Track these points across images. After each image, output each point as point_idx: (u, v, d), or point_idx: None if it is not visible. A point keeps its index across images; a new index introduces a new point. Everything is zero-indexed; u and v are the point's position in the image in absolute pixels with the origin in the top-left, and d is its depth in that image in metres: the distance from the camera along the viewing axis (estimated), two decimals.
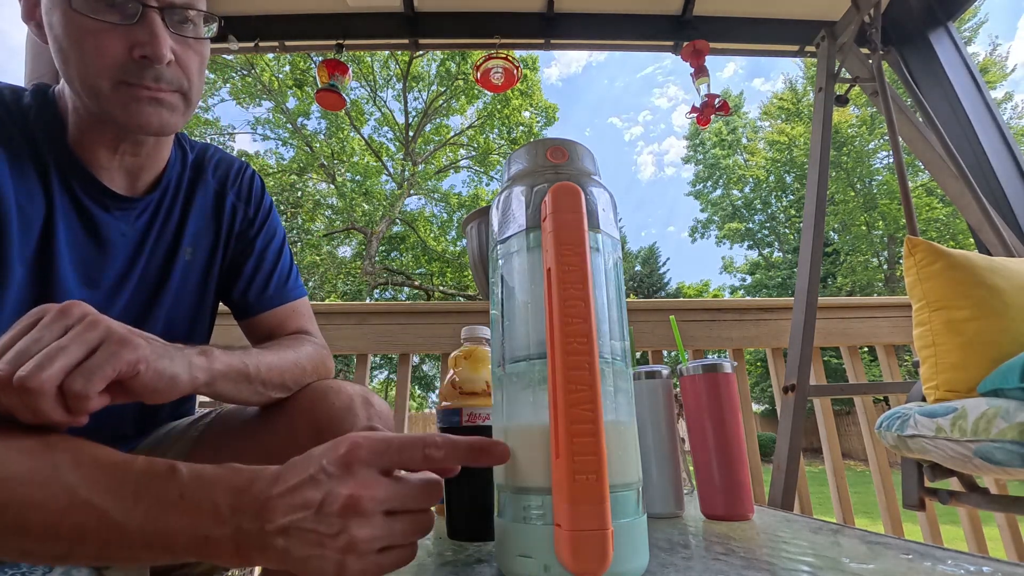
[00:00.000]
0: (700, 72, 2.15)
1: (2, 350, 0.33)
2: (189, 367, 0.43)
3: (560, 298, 0.30)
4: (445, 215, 15.12)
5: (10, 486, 0.30)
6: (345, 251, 15.25)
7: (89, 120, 0.56)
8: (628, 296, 2.20)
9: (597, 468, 0.27)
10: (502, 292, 0.37)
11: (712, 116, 2.23)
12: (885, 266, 16.75)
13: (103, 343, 0.35)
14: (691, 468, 0.60)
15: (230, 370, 0.49)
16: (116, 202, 0.59)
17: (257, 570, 1.47)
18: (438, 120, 14.67)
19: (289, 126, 13.82)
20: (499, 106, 13.26)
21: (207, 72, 0.63)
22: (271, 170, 13.24)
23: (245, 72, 12.46)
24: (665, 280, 25.68)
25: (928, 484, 0.95)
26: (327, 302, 4.68)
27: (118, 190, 0.60)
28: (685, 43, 2.10)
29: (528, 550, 0.31)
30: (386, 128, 14.73)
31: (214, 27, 0.59)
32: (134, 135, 0.57)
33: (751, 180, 21.03)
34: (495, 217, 0.40)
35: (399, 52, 11.81)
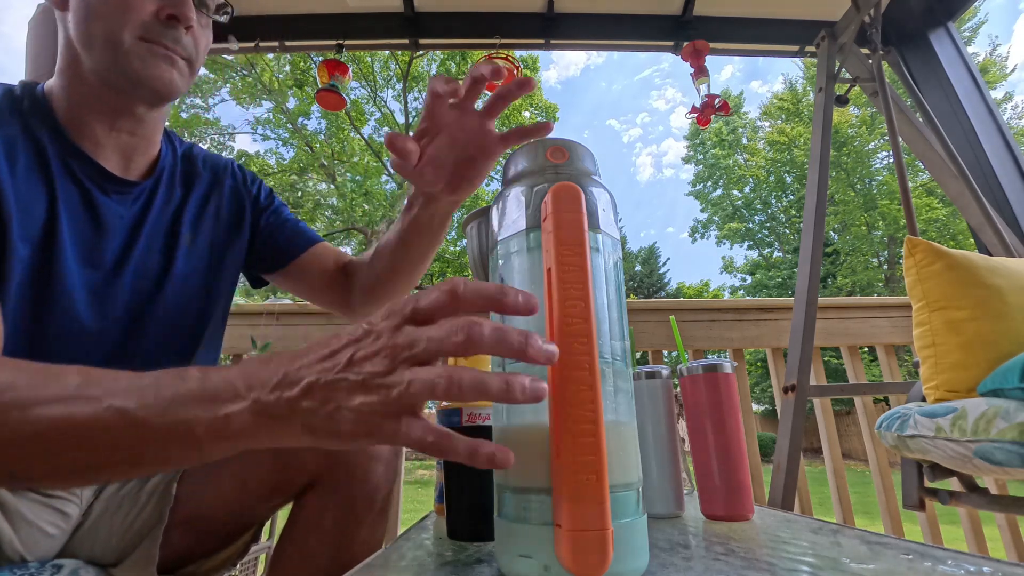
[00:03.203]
0: (700, 72, 2.15)
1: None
2: None
3: (560, 298, 0.29)
4: None
5: (34, 411, 0.30)
6: (345, 251, 15.25)
7: (89, 93, 0.58)
8: (628, 296, 2.20)
9: (598, 468, 0.27)
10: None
11: (712, 116, 2.23)
12: (885, 266, 16.75)
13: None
14: (691, 468, 0.60)
15: None
16: (114, 185, 0.61)
17: (258, 570, 1.47)
18: None
19: (289, 126, 13.83)
20: None
21: (207, 72, 0.66)
22: (271, 170, 13.25)
23: (245, 72, 12.46)
24: (665, 280, 25.70)
25: (928, 484, 0.95)
26: None
27: (113, 170, 0.61)
28: (685, 43, 2.10)
29: (528, 550, 0.31)
30: (386, 128, 14.72)
31: (226, 17, 0.66)
32: (140, 97, 0.58)
33: (751, 180, 21.03)
34: (495, 217, 0.40)
35: (399, 52, 11.81)
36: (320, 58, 2.29)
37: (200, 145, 0.78)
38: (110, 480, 0.33)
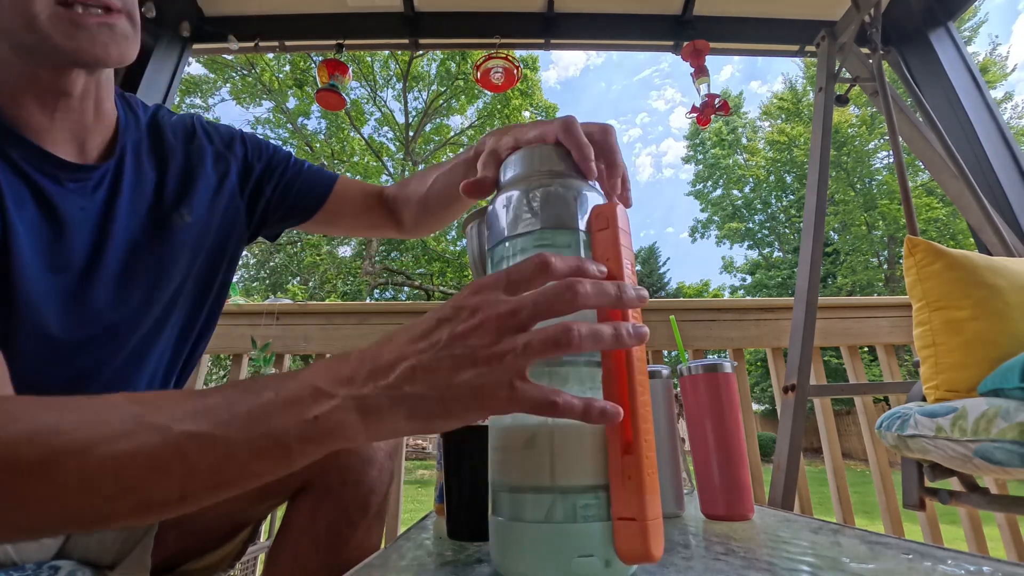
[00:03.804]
0: (700, 72, 2.15)
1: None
2: None
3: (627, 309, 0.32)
4: None
5: (98, 450, 0.26)
6: (345, 251, 15.25)
7: (20, 75, 0.49)
8: None
9: (655, 464, 0.31)
10: None
11: (712, 116, 2.23)
12: (885, 266, 16.75)
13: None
14: (691, 468, 0.60)
15: None
16: (68, 173, 0.52)
17: (258, 570, 1.47)
18: (438, 120, 14.68)
19: (289, 126, 13.83)
20: (499, 106, 13.27)
21: (207, 72, 0.62)
22: None
23: (245, 72, 12.46)
24: (665, 280, 25.69)
25: (928, 484, 0.95)
26: (327, 302, 4.68)
27: (66, 156, 0.52)
28: (685, 43, 2.10)
29: (541, 551, 0.31)
30: (386, 128, 14.74)
31: None
32: (77, 72, 0.50)
33: (751, 180, 21.03)
34: (502, 217, 0.39)
35: (399, 52, 11.81)
36: (320, 58, 2.29)
37: (165, 107, 0.67)
38: (196, 507, 0.29)
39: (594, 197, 0.38)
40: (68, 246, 0.51)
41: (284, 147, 0.75)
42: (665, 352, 1.60)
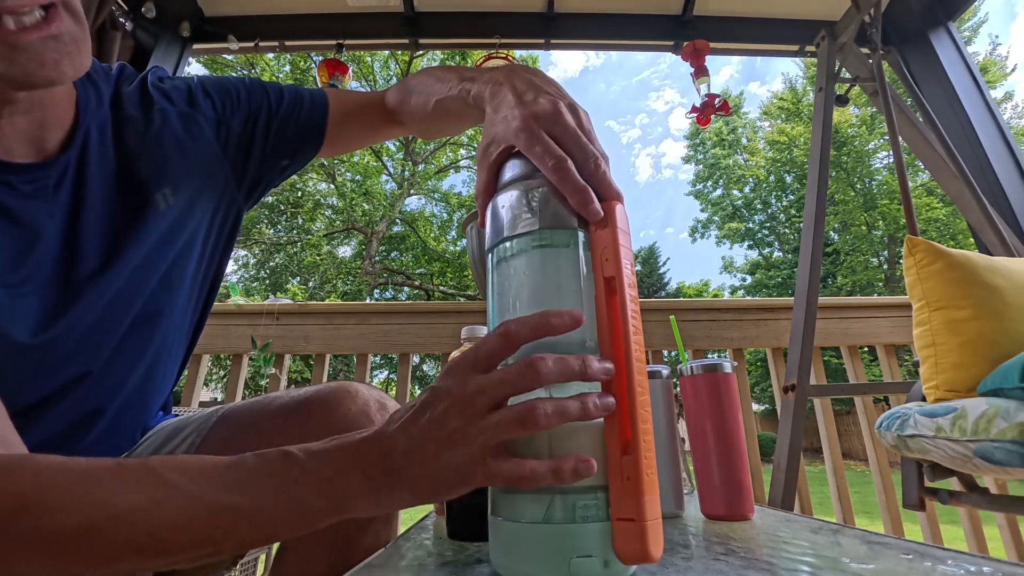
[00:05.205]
0: (700, 72, 2.15)
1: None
2: None
3: (623, 308, 0.32)
4: (445, 215, 15.13)
5: (134, 518, 0.29)
6: (345, 251, 15.26)
7: None
8: None
9: (654, 464, 0.31)
10: (494, 299, 0.37)
11: (712, 116, 2.23)
12: (885, 266, 16.75)
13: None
14: (691, 468, 0.60)
15: None
16: (21, 175, 0.45)
17: (259, 570, 1.47)
18: None
19: None
20: None
21: (208, 72, 0.58)
22: None
23: (245, 72, 12.45)
24: (665, 280, 25.69)
25: (928, 484, 0.95)
26: (327, 302, 4.68)
27: (22, 159, 0.45)
28: (685, 43, 2.10)
29: (547, 549, 0.31)
30: None
31: None
32: (25, 89, 0.42)
33: (751, 180, 21.03)
34: (504, 215, 0.39)
35: (399, 52, 11.80)
36: (320, 58, 2.29)
37: (128, 66, 0.58)
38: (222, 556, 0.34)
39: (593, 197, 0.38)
40: (38, 258, 0.45)
41: (249, 79, 0.65)
42: (665, 352, 1.60)
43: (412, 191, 14.42)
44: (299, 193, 13.32)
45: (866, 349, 1.66)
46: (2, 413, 0.36)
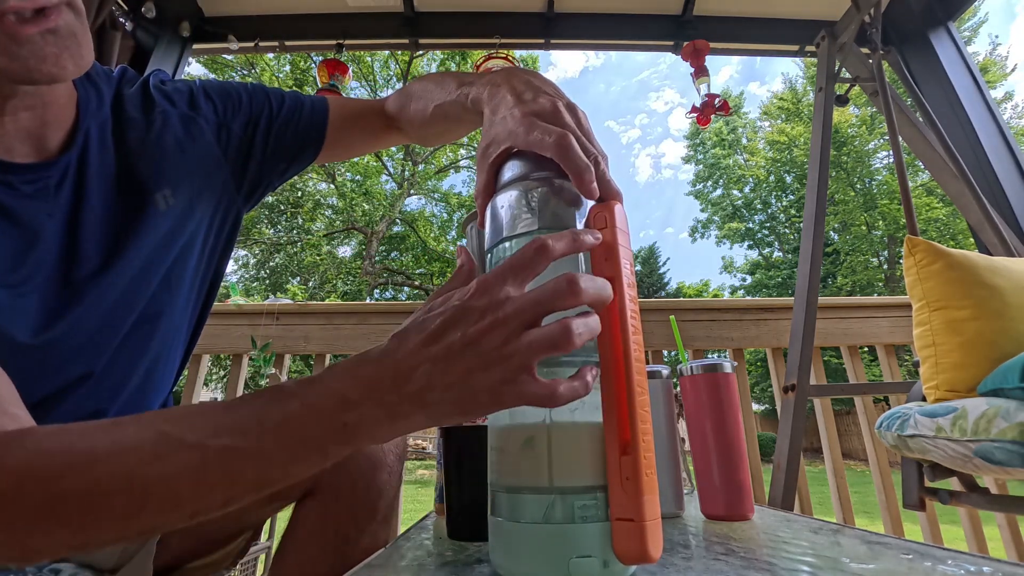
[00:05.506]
0: (700, 72, 2.15)
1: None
2: None
3: (624, 309, 0.32)
4: (445, 215, 15.13)
5: (141, 471, 0.28)
6: (345, 251, 15.27)
7: None
8: None
9: (654, 464, 0.31)
10: None
11: (712, 116, 2.23)
12: (885, 266, 16.75)
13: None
14: (691, 468, 0.60)
15: None
16: (22, 175, 0.45)
17: (258, 570, 1.47)
18: None
19: None
20: None
21: (207, 72, 0.58)
22: None
23: (245, 72, 12.45)
24: (665, 280, 25.70)
25: (928, 484, 0.95)
26: (327, 302, 4.68)
27: (23, 159, 0.45)
28: (685, 43, 2.10)
29: (541, 550, 0.31)
30: None
31: None
32: (26, 84, 0.42)
33: (751, 180, 21.03)
34: (504, 215, 0.39)
35: (399, 52, 11.81)
36: (320, 58, 2.29)
37: (132, 73, 0.58)
38: (242, 504, 0.31)
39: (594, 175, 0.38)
40: (39, 259, 0.45)
41: (251, 84, 0.66)
42: (665, 352, 1.60)
43: (412, 191, 14.43)
44: (299, 193, 13.33)
45: (866, 349, 1.66)
46: (11, 389, 0.36)
